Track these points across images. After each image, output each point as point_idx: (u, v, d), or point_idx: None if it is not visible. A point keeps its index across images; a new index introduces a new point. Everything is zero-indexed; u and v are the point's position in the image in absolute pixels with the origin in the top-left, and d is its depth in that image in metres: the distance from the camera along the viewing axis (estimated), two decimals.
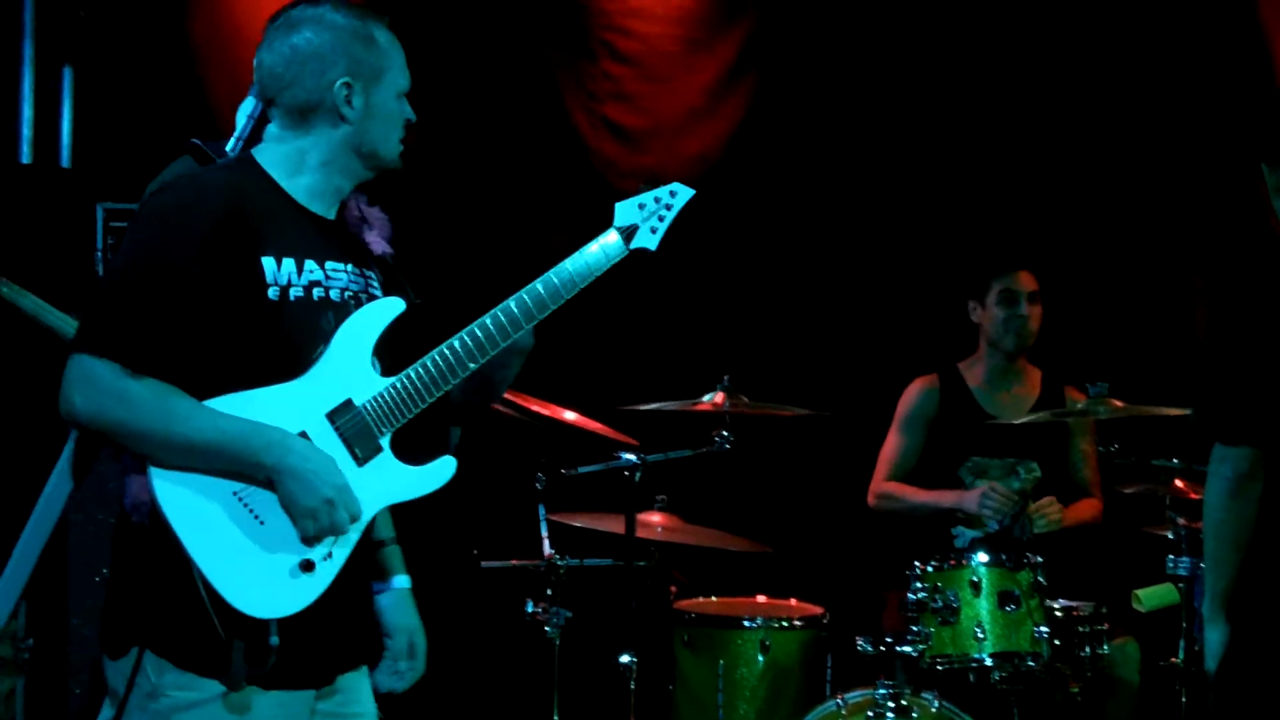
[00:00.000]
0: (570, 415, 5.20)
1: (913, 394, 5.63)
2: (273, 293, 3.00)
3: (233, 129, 3.30)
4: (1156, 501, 5.09)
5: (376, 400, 3.04)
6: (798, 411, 5.29)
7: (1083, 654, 4.88)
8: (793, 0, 6.36)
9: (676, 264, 6.22)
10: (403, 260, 3.34)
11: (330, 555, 2.97)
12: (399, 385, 3.05)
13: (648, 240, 3.23)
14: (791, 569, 5.53)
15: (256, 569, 2.92)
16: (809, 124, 6.34)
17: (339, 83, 3.10)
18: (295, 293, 3.02)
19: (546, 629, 5.01)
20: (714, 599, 5.44)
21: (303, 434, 2.98)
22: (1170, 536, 4.84)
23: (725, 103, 6.36)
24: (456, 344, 3.08)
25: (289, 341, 3.01)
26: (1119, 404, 4.89)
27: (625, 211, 3.23)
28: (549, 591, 5.05)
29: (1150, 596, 5.00)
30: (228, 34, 5.86)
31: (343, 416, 3.02)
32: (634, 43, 6.36)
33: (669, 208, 3.23)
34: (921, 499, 5.46)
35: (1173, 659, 4.95)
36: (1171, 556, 4.76)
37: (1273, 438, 3.55)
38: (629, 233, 3.21)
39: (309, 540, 2.94)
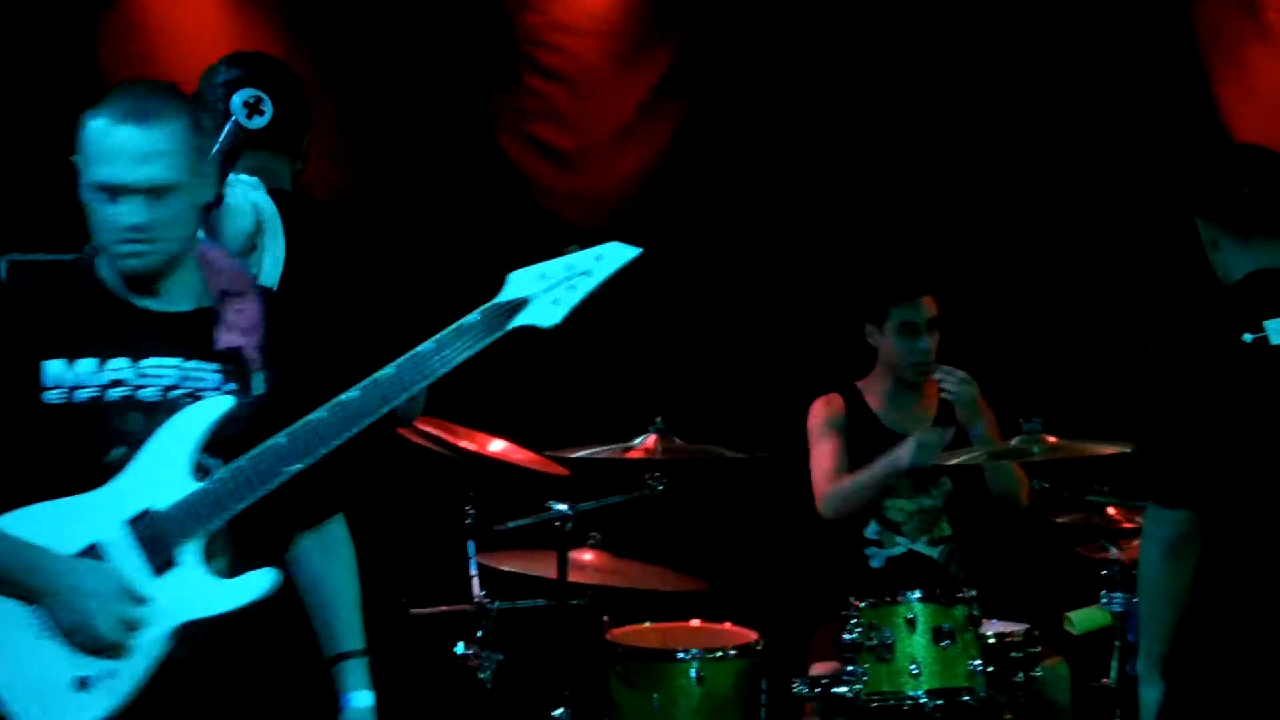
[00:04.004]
0: (497, 446, 5.14)
1: (819, 408, 5.57)
2: (53, 395, 2.89)
3: None
4: (1090, 530, 5.12)
5: (176, 507, 2.89)
6: (733, 454, 5.24)
7: (1016, 679, 4.88)
8: (719, 15, 6.27)
9: (602, 299, 6.21)
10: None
11: (115, 673, 2.86)
12: (203, 490, 2.89)
13: (544, 316, 2.91)
14: (726, 603, 5.49)
15: (38, 684, 2.85)
16: (738, 143, 6.28)
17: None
18: (85, 394, 2.90)
19: (479, 673, 4.95)
20: (648, 624, 5.40)
21: (93, 546, 2.87)
22: (1105, 556, 4.86)
23: (655, 120, 6.29)
24: (281, 441, 2.87)
25: (75, 446, 2.90)
26: (1053, 440, 4.88)
27: (519, 282, 2.93)
28: (480, 634, 4.99)
29: (1082, 619, 5.02)
30: (137, 65, 5.71)
31: (141, 524, 2.89)
32: (562, 59, 6.25)
33: (587, 274, 2.91)
34: (861, 478, 5.37)
35: (1104, 679, 4.98)
36: (1105, 592, 4.77)
37: (1210, 501, 3.54)
38: (512, 309, 2.92)
39: (86, 655, 2.85)
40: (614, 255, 2.92)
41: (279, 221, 3.51)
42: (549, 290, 2.91)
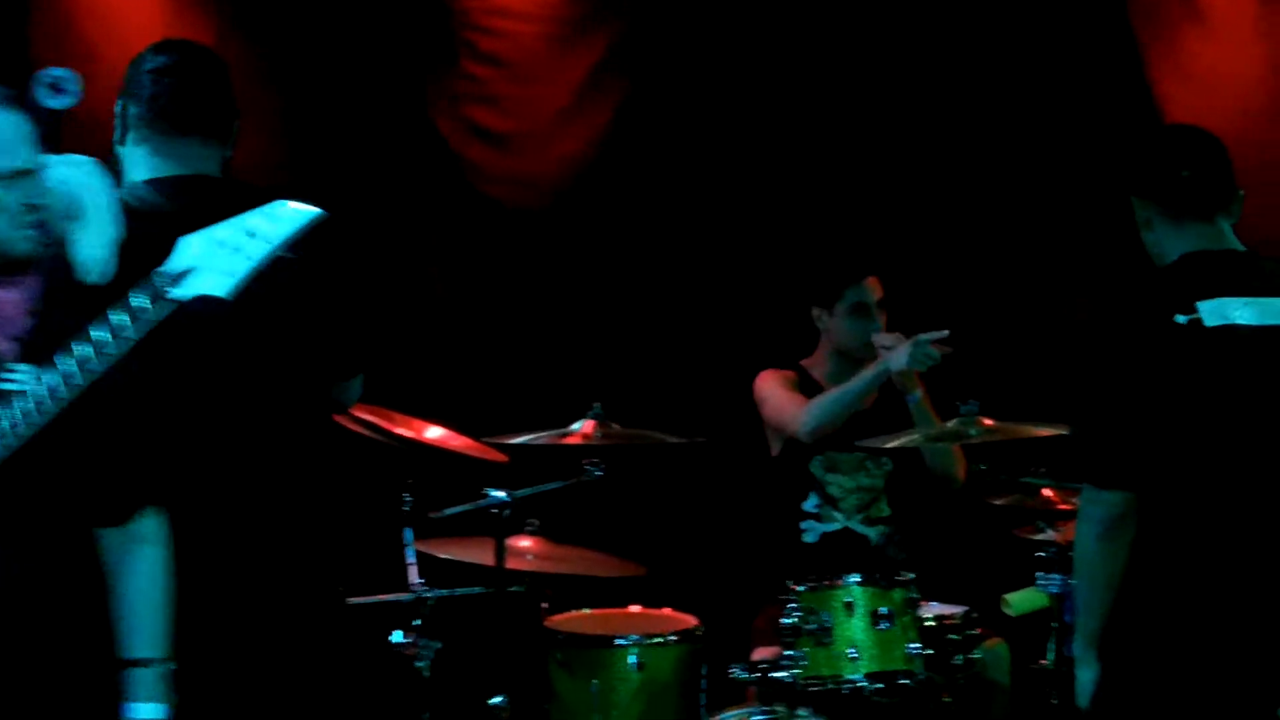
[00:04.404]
0: (435, 433, 5.11)
1: (771, 373, 5.55)
2: None
3: None
4: (1026, 513, 5.15)
5: None
6: (671, 439, 5.23)
7: (955, 661, 4.90)
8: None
9: (540, 285, 6.21)
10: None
11: None
12: None
13: (217, 285, 2.67)
14: (665, 588, 5.48)
15: None
16: (679, 127, 6.27)
17: None
18: None
19: (416, 662, 4.93)
20: (587, 611, 5.38)
21: None
22: (1041, 538, 4.92)
23: (594, 103, 6.26)
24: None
25: None
26: (990, 423, 4.89)
27: (189, 249, 2.70)
28: (417, 623, 4.96)
29: (1020, 601, 5.04)
30: (72, 55, 5.64)
31: None
32: (499, 42, 6.22)
33: (260, 239, 2.67)
34: (849, 385, 5.30)
35: (1042, 661, 5.01)
36: (1041, 574, 4.81)
37: (1145, 482, 3.55)
38: (181, 277, 2.69)
39: None
40: (291, 217, 2.69)
41: (106, 201, 3.43)
42: (222, 256, 2.69)
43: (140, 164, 3.59)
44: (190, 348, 3.23)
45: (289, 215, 2.66)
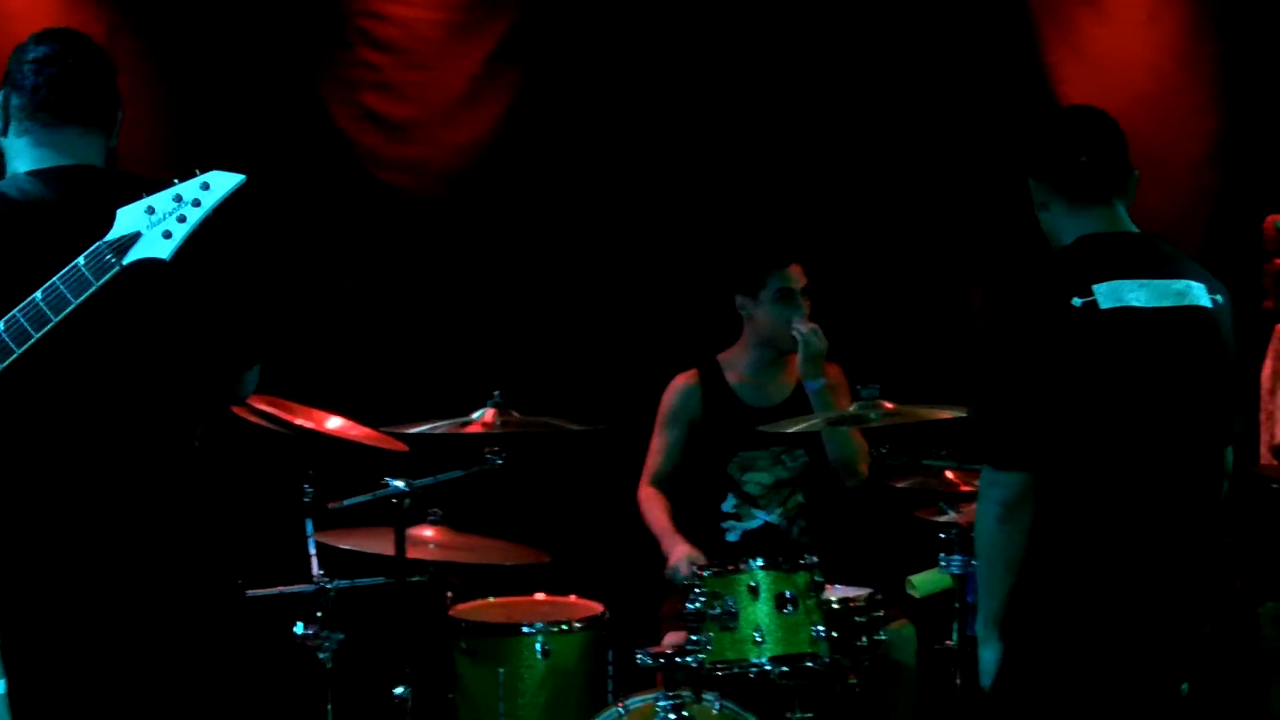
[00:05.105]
0: (335, 423, 5.07)
1: (673, 393, 5.60)
2: None
3: None
4: (928, 495, 5.19)
5: None
6: (573, 426, 5.22)
7: (860, 643, 4.91)
8: None
9: (438, 273, 6.17)
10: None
11: None
12: None
13: (158, 248, 2.86)
14: (571, 575, 5.47)
15: None
16: (575, 115, 6.25)
17: None
18: None
19: (319, 653, 4.89)
20: (492, 600, 5.37)
21: None
22: (943, 519, 4.95)
23: (491, 90, 6.22)
24: None
25: None
26: (891, 406, 4.91)
27: (127, 218, 2.88)
28: (319, 614, 4.92)
29: (924, 582, 5.07)
30: None
31: None
32: (393, 29, 6.16)
33: (197, 204, 2.86)
34: (654, 527, 5.45)
35: (947, 642, 5.03)
36: (944, 555, 4.84)
37: (1044, 463, 3.57)
38: (122, 246, 2.86)
39: None
40: (220, 183, 2.90)
41: None
42: (159, 222, 2.87)
43: (22, 155, 3.53)
44: (131, 310, 3.23)
45: (222, 181, 2.83)
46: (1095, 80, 6.14)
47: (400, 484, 4.84)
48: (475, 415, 5.06)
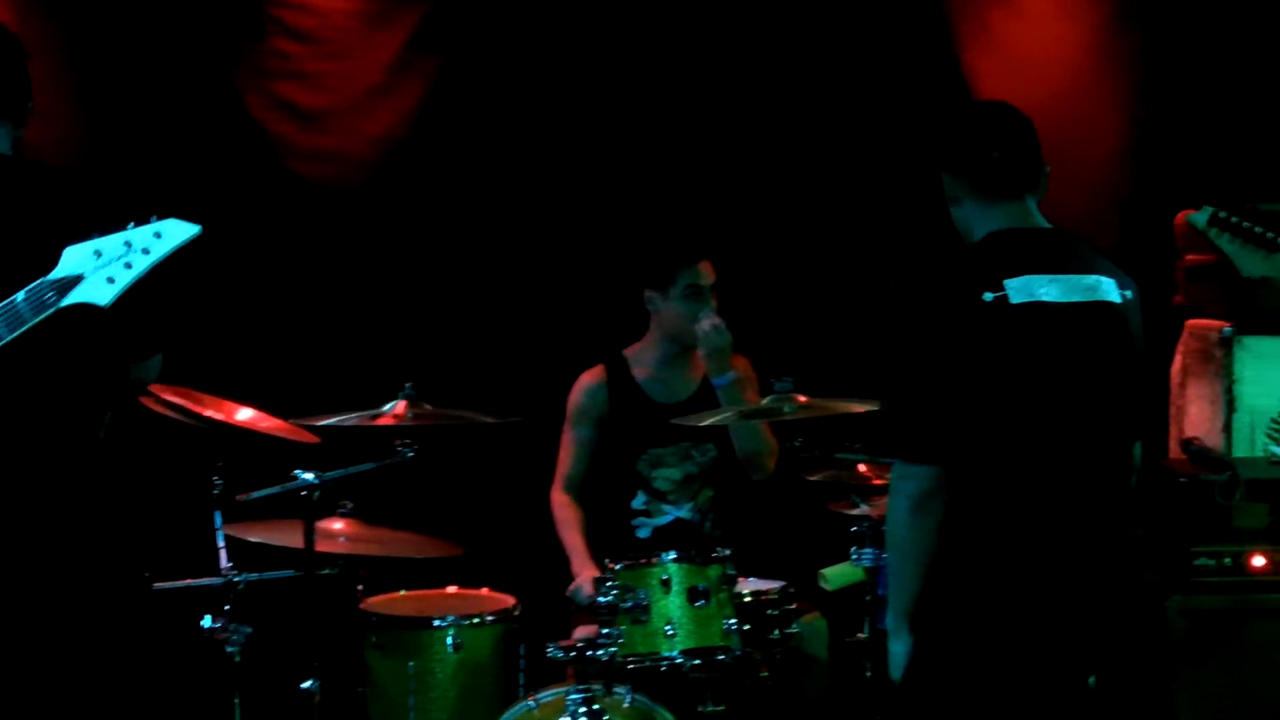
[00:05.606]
0: (245, 415, 5.03)
1: (579, 393, 5.58)
2: None
3: None
4: (841, 488, 5.21)
5: None
6: (485, 419, 5.19)
7: (772, 636, 4.91)
8: None
9: (350, 264, 6.14)
10: None
11: None
12: None
13: (98, 294, 2.80)
14: (483, 568, 5.45)
15: None
16: (490, 108, 6.23)
17: None
18: None
19: (227, 647, 4.85)
20: (403, 592, 5.34)
21: None
22: (855, 513, 4.99)
23: (406, 80, 6.20)
24: None
25: None
26: (804, 399, 4.92)
27: (73, 258, 2.81)
28: (227, 607, 4.88)
29: (836, 576, 5.09)
30: None
31: None
32: (308, 18, 6.13)
33: (146, 252, 2.79)
34: (565, 543, 5.45)
35: (858, 634, 5.08)
36: (855, 548, 4.86)
37: (955, 457, 3.59)
38: (63, 286, 2.81)
39: None
40: (174, 232, 2.85)
41: None
42: (104, 267, 2.81)
43: None
44: (64, 350, 3.19)
45: (176, 231, 2.78)
46: (1010, 76, 6.18)
47: (310, 476, 4.82)
48: (387, 407, 5.03)
